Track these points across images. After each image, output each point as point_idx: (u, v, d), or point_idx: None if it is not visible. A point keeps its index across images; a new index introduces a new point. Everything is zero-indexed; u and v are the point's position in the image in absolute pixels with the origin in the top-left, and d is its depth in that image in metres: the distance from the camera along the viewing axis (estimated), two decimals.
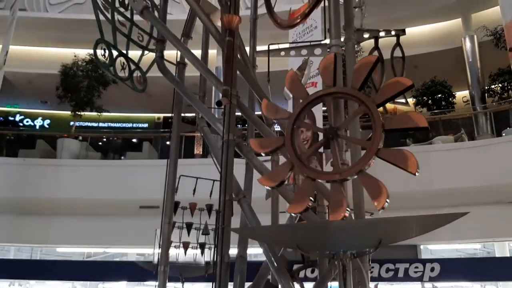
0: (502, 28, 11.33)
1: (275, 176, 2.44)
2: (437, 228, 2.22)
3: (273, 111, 2.68)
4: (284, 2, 16.34)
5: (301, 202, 2.31)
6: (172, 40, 4.22)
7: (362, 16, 5.37)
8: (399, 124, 2.30)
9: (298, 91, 2.58)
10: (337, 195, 2.25)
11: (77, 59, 15.39)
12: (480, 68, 15.52)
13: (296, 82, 2.61)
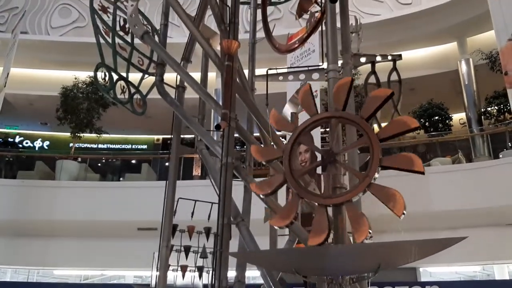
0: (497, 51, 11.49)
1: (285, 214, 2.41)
2: (436, 252, 2.23)
3: (265, 154, 2.72)
4: (283, 26, 16.75)
5: (285, 217, 2.36)
6: (172, 65, 4.29)
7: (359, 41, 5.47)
8: (393, 131, 2.34)
9: (309, 108, 2.62)
10: (319, 218, 2.27)
11: (77, 81, 15.52)
12: (476, 91, 15.68)
13: (309, 98, 2.65)
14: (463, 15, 14.99)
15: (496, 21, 8.71)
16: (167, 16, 5.08)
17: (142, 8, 12.84)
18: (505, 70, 8.22)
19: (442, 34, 16.08)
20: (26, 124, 21.68)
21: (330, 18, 3.49)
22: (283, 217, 2.37)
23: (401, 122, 2.34)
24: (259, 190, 2.57)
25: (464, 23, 15.22)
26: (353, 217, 2.18)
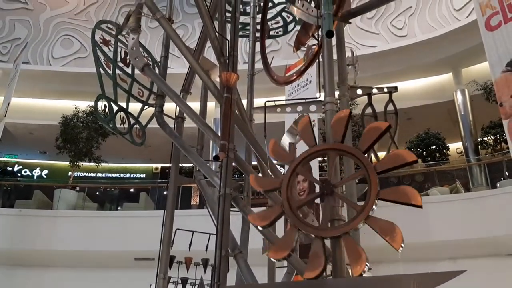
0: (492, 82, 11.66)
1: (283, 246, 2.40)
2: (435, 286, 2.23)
3: (264, 184, 2.75)
4: (281, 57, 17.00)
5: (282, 249, 2.36)
6: (171, 96, 4.36)
7: (355, 73, 5.59)
8: (390, 164, 2.36)
9: (308, 139, 2.66)
10: (316, 250, 2.27)
11: (77, 111, 15.63)
12: (472, 121, 15.83)
13: (308, 129, 2.69)
14: (458, 47, 15.28)
15: (490, 53, 8.86)
16: (167, 49, 5.19)
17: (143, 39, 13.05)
18: (500, 101, 8.31)
19: (437, 65, 16.34)
20: (25, 153, 21.72)
21: (327, 51, 3.57)
22: (279, 250, 2.37)
23: (398, 156, 2.37)
24: (257, 222, 2.58)
25: (459, 55, 15.50)
26: (350, 250, 2.19)
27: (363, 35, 17.85)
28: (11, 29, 19.45)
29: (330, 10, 3.43)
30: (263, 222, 2.56)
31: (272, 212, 2.56)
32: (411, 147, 15.65)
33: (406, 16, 17.87)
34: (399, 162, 2.36)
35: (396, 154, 2.41)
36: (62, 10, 20.24)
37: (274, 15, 7.12)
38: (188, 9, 19.68)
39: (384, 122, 2.49)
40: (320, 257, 2.23)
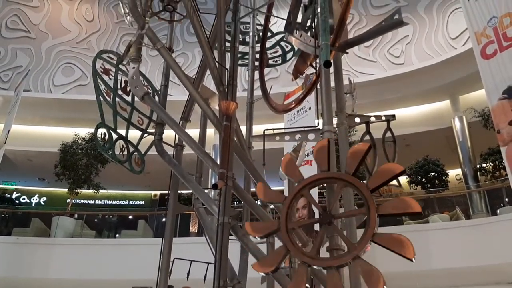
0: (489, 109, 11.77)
1: (269, 262, 2.47)
2: None
3: (268, 195, 2.76)
4: (280, 84, 17.17)
5: (268, 265, 2.39)
6: (171, 125, 4.39)
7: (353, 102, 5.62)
8: (394, 210, 2.37)
9: (294, 175, 2.68)
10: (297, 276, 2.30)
11: (77, 138, 15.68)
12: (471, 147, 15.87)
13: (292, 166, 2.72)
14: (454, 75, 15.45)
15: (486, 81, 8.98)
16: (167, 77, 5.25)
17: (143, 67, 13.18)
18: (497, 128, 8.37)
19: (435, 92, 16.50)
20: (24, 180, 21.68)
21: (325, 81, 3.62)
22: (265, 265, 2.40)
23: (387, 170, 2.42)
24: (251, 231, 2.58)
25: (456, 82, 15.66)
26: (367, 272, 2.18)
27: (361, 63, 18.08)
28: (13, 57, 19.69)
29: (327, 40, 3.50)
30: (257, 233, 2.58)
31: (268, 226, 2.58)
32: (410, 173, 15.66)
33: (403, 44, 18.14)
34: (389, 176, 2.40)
35: (384, 169, 2.45)
36: (64, 39, 20.54)
37: (273, 45, 7.23)
38: (188, 37, 19.97)
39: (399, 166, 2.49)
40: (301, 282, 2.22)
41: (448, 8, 17.59)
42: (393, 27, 3.61)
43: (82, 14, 21.17)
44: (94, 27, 21.05)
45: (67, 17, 20.97)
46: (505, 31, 8.78)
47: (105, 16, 21.31)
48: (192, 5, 4.41)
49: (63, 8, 21.05)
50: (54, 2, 21.04)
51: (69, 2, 21.22)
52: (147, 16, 4.42)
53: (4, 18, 20.05)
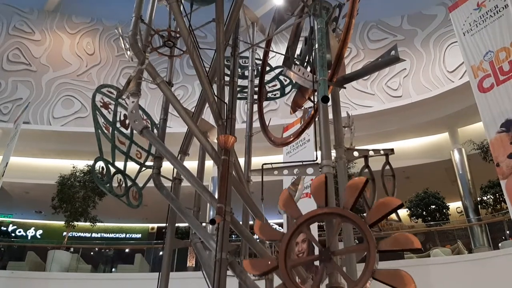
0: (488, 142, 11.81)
1: None
2: None
3: (266, 233, 2.72)
4: (279, 116, 17.25)
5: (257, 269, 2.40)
6: (169, 159, 4.37)
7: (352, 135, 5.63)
8: (393, 246, 2.34)
9: (292, 212, 2.67)
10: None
11: (75, 170, 15.62)
12: (471, 180, 15.82)
13: (290, 203, 2.70)
14: (452, 107, 15.56)
15: (484, 114, 9.04)
16: (166, 111, 5.25)
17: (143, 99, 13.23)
18: (496, 161, 8.37)
19: (433, 125, 16.57)
20: (20, 213, 21.49)
21: (323, 115, 3.63)
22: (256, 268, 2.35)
23: (384, 204, 2.42)
24: (249, 269, 2.54)
25: (454, 115, 15.75)
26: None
27: (359, 95, 18.24)
28: (13, 89, 19.83)
29: (325, 76, 3.52)
30: (255, 271, 2.56)
31: (267, 264, 2.54)
32: (410, 206, 15.56)
33: (401, 77, 18.35)
34: (386, 210, 2.41)
35: (382, 203, 2.45)
36: (64, 71, 20.76)
37: (272, 78, 7.29)
38: (188, 70, 20.20)
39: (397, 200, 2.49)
40: None
41: (445, 42, 17.89)
42: (389, 64, 3.65)
43: (83, 47, 21.48)
44: (94, 60, 21.32)
45: (68, 50, 21.26)
46: (501, 65, 8.90)
47: (106, 50, 21.61)
48: (192, 40, 4.46)
49: (64, 42, 21.37)
50: (56, 35, 21.38)
51: (71, 35, 21.55)
52: (147, 52, 4.46)
53: (6, 51, 20.31)
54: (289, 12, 4.78)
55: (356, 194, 2.59)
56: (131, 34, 4.32)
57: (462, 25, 10.16)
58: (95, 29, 22.03)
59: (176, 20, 4.67)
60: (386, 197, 2.59)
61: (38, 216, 21.45)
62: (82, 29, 21.90)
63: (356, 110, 17.03)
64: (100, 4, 21.76)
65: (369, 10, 18.80)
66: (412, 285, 2.14)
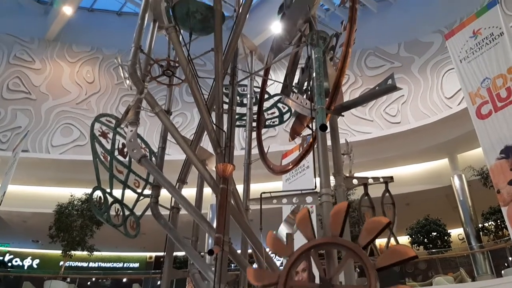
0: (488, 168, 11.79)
1: None
2: None
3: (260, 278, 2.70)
4: (278, 143, 17.27)
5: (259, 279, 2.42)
6: (167, 188, 4.33)
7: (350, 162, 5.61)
8: (389, 260, 2.34)
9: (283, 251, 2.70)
10: None
11: (73, 199, 15.53)
12: (472, 206, 15.72)
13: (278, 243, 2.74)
14: (451, 133, 15.59)
15: (483, 141, 9.04)
16: (165, 140, 5.24)
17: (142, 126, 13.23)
18: (497, 188, 8.33)
19: (433, 151, 16.57)
20: (17, 242, 21.25)
21: (321, 144, 3.61)
22: None
23: (399, 252, 2.35)
24: (253, 279, 2.57)
25: (453, 141, 15.76)
26: None
27: (358, 121, 18.30)
28: (13, 118, 19.89)
29: (323, 104, 3.53)
30: (259, 281, 2.59)
31: (268, 277, 2.58)
32: (411, 233, 15.42)
33: (399, 103, 18.45)
34: (400, 258, 2.34)
35: (397, 251, 2.40)
36: (64, 100, 20.87)
37: (270, 106, 7.31)
38: (187, 98, 20.32)
39: (385, 218, 2.51)
40: None
41: (442, 68, 18.05)
42: (386, 92, 3.66)
43: (83, 76, 21.66)
44: (94, 88, 21.46)
45: (68, 79, 21.43)
46: (499, 92, 8.96)
47: (106, 78, 21.79)
48: (190, 70, 4.48)
49: (64, 70, 21.56)
50: (56, 64, 21.58)
51: (71, 64, 21.76)
52: (146, 81, 4.48)
53: (6, 80, 20.46)
54: (287, 41, 4.82)
55: (341, 219, 2.62)
56: (130, 64, 4.34)
57: (459, 53, 10.27)
58: (95, 57, 22.26)
59: (175, 49, 4.72)
60: (374, 218, 2.62)
61: (35, 245, 21.21)
62: (82, 58, 22.13)
63: (355, 136, 17.06)
64: (100, 33, 22.08)
65: (366, 38, 19.06)
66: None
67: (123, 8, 22.89)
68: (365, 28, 18.91)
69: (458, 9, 17.58)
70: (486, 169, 13.32)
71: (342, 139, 4.68)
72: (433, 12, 18.56)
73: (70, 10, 20.11)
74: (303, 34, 4.39)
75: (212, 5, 4.96)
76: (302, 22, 4.51)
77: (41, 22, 21.74)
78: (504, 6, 15.25)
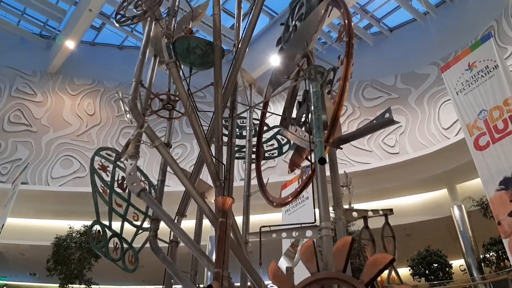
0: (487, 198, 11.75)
1: None
2: None
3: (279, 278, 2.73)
4: (277, 173, 17.27)
5: None
6: (166, 222, 4.33)
7: (350, 194, 5.62)
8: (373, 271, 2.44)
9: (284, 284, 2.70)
10: None
11: (71, 231, 15.42)
12: (473, 237, 15.60)
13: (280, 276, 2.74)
14: (450, 164, 15.61)
15: (482, 172, 9.06)
16: (164, 173, 5.26)
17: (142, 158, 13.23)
18: (497, 220, 8.30)
19: (432, 181, 16.56)
20: (14, 275, 20.95)
21: (320, 177, 3.64)
22: None
23: (379, 261, 2.49)
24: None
25: (452, 171, 15.77)
26: None
27: (357, 152, 18.35)
28: (13, 150, 19.92)
29: (322, 137, 3.56)
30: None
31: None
32: (412, 265, 15.24)
33: (397, 134, 18.54)
34: (381, 266, 2.47)
35: (374, 261, 2.52)
36: (64, 132, 20.97)
37: (269, 138, 7.36)
38: (187, 129, 20.43)
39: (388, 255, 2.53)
40: None
41: (439, 100, 18.22)
42: (384, 126, 3.71)
43: (84, 108, 21.84)
44: (95, 121, 21.60)
45: (69, 111, 21.59)
46: (496, 124, 9.03)
47: (106, 110, 21.97)
48: (190, 104, 4.55)
49: (65, 103, 21.75)
50: (58, 97, 21.79)
51: (72, 97, 21.97)
52: (147, 115, 4.54)
53: (7, 113, 20.60)
54: (285, 75, 4.90)
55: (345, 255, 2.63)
56: (131, 99, 4.41)
57: (455, 85, 10.40)
58: (96, 90, 22.50)
59: (175, 84, 4.80)
60: (377, 254, 2.64)
61: (33, 278, 20.92)
62: (83, 90, 22.36)
63: (354, 166, 17.08)
64: (101, 66, 22.40)
65: (363, 70, 19.33)
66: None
67: (125, 42, 23.30)
68: (362, 60, 19.20)
69: (453, 42, 17.90)
70: (485, 199, 13.28)
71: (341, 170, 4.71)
72: (428, 44, 18.89)
73: (72, 44, 20.44)
74: (301, 69, 4.47)
75: (212, 41, 5.08)
76: (300, 57, 4.60)
77: (44, 56, 22.08)
78: (498, 39, 15.54)
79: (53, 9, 20.60)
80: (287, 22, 4.98)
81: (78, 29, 19.69)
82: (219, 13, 5.18)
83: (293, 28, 4.78)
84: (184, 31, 5.22)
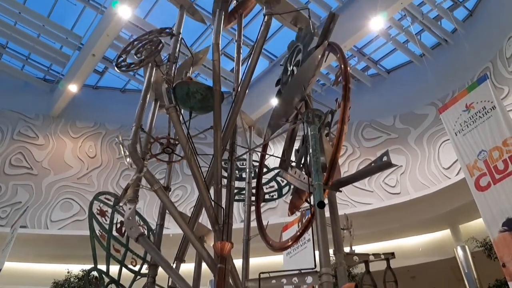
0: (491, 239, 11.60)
1: None
2: None
3: None
4: (278, 215, 17.13)
5: None
6: (164, 267, 4.27)
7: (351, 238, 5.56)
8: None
9: None
10: None
11: (69, 276, 15.15)
12: (478, 279, 15.29)
13: None
14: (451, 204, 15.50)
15: (484, 213, 8.99)
16: (163, 217, 5.23)
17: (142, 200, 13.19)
18: (502, 262, 8.17)
19: (434, 222, 16.40)
20: None
21: (320, 221, 3.61)
22: None
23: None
24: None
25: (454, 211, 15.64)
26: None
27: (358, 192, 18.26)
28: (13, 193, 19.83)
29: (320, 180, 3.56)
30: None
31: None
32: None
33: (398, 174, 18.51)
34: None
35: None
36: (65, 174, 20.95)
37: (269, 180, 7.35)
38: (187, 170, 20.39)
39: None
40: None
41: (438, 140, 18.29)
42: (382, 169, 3.71)
43: (85, 150, 21.91)
44: (95, 163, 21.63)
45: (70, 154, 21.66)
46: (496, 164, 9.03)
47: (107, 152, 22.03)
48: (190, 147, 4.58)
49: (67, 146, 21.85)
50: (59, 140, 21.91)
51: (74, 139, 22.10)
52: (146, 158, 4.56)
53: (8, 156, 20.64)
54: (284, 118, 4.95)
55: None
56: (130, 143, 4.45)
57: (453, 126, 10.48)
58: (98, 132, 22.65)
59: (174, 128, 4.84)
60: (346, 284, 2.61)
61: None
62: (85, 133, 22.51)
63: (355, 207, 16.96)
64: (103, 109, 22.65)
65: (362, 111, 19.52)
66: None
67: (127, 85, 23.68)
68: (360, 101, 19.44)
69: (450, 83, 18.17)
70: (489, 240, 13.11)
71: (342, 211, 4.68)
72: (425, 85, 19.16)
73: (75, 88, 20.76)
74: (299, 112, 4.53)
75: (211, 86, 5.17)
76: (298, 101, 4.67)
77: (47, 99, 22.38)
78: (494, 79, 15.77)
79: (57, 54, 21.05)
80: (285, 65, 5.07)
81: (81, 73, 20.06)
82: (218, 59, 5.29)
83: (291, 72, 4.87)
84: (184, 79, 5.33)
